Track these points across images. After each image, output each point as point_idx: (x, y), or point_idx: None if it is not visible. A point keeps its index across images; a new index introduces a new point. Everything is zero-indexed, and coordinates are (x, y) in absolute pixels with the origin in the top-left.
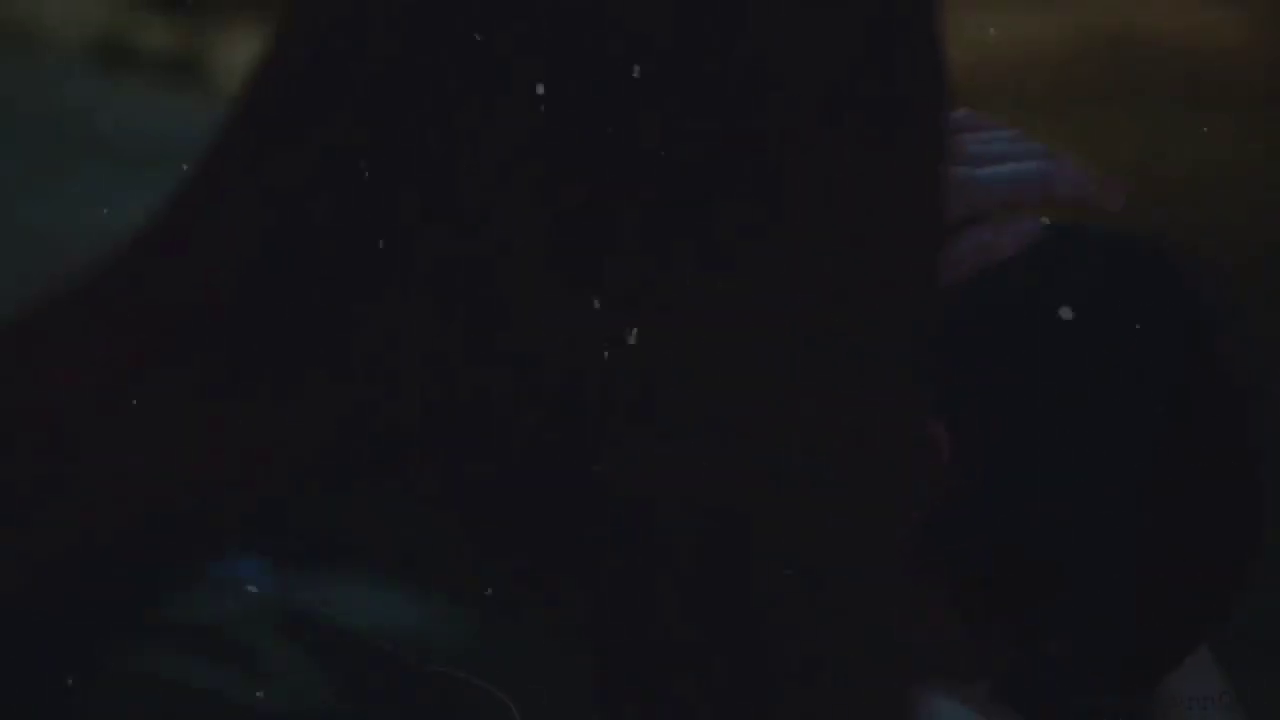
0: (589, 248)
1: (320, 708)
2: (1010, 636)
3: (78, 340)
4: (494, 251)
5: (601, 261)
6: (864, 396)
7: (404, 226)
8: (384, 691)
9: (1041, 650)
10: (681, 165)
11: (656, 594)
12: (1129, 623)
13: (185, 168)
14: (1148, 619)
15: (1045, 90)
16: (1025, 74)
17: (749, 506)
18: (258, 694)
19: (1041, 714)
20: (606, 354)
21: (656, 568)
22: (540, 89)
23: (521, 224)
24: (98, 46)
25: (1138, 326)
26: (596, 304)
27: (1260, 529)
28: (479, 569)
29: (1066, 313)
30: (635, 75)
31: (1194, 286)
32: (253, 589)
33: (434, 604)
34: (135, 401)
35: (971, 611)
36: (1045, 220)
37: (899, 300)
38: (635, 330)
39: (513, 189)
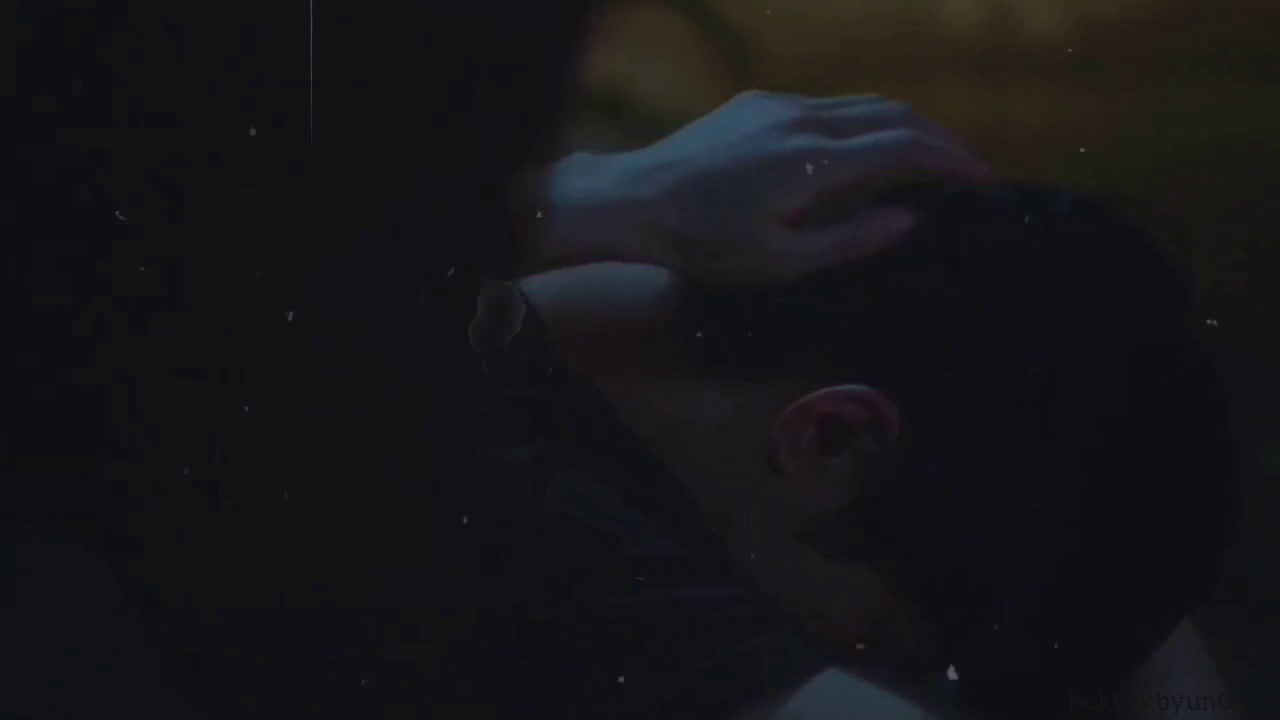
0: None
1: None
2: (965, 624)
3: None
4: None
5: None
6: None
7: None
8: None
9: (997, 640)
10: None
11: None
12: (1089, 608)
13: None
14: (1110, 605)
15: (1107, 59)
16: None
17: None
18: None
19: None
20: None
21: None
22: None
23: None
24: None
25: (1103, 291)
26: None
27: (1233, 502)
28: None
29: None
30: None
31: (1164, 253)
32: None
33: None
34: None
35: (922, 595)
36: (910, 219)
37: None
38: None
39: None
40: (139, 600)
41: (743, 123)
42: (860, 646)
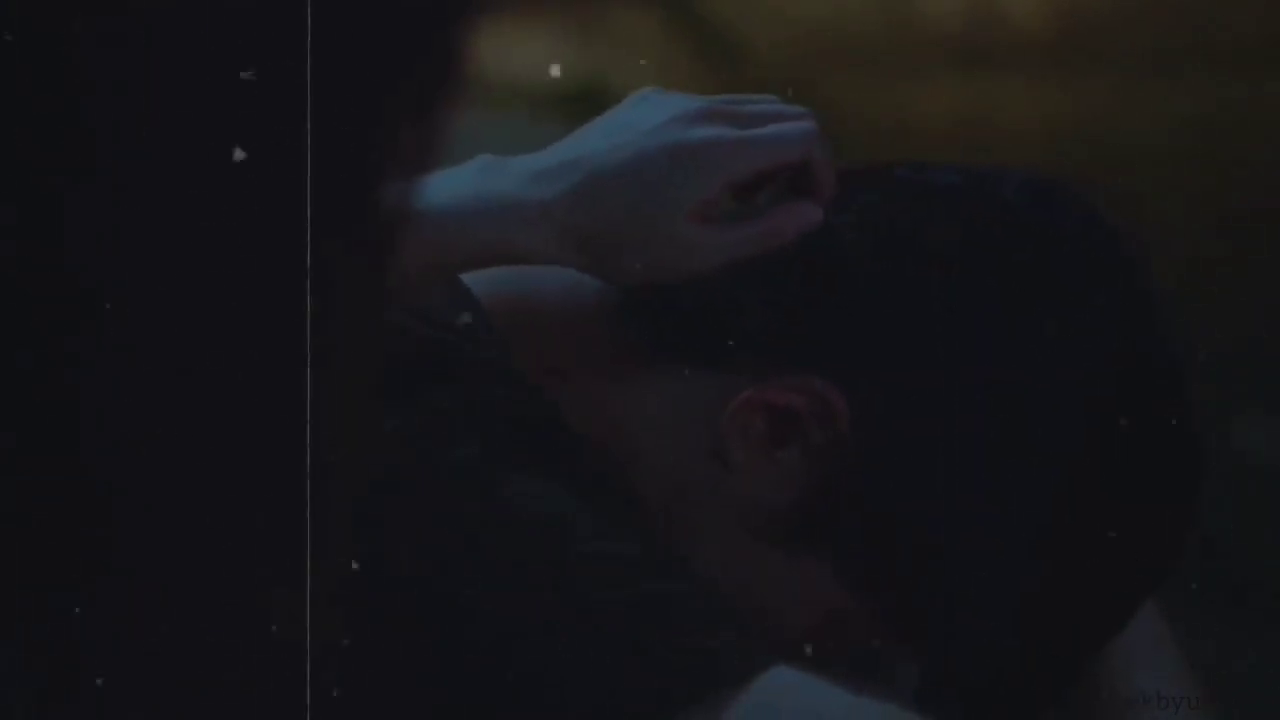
0: None
1: None
2: (917, 616)
3: None
4: None
5: None
6: None
7: None
8: None
9: (951, 633)
10: None
11: None
12: (1045, 598)
13: None
14: (1066, 594)
15: (1106, 49)
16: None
17: None
18: None
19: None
20: None
21: None
22: None
23: None
24: None
25: (1052, 272)
26: None
27: (1192, 483)
28: None
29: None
30: None
31: (1114, 231)
32: None
33: None
34: None
35: (874, 588)
36: (820, 213)
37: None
38: None
39: None
40: None
41: (645, 117)
42: (811, 642)
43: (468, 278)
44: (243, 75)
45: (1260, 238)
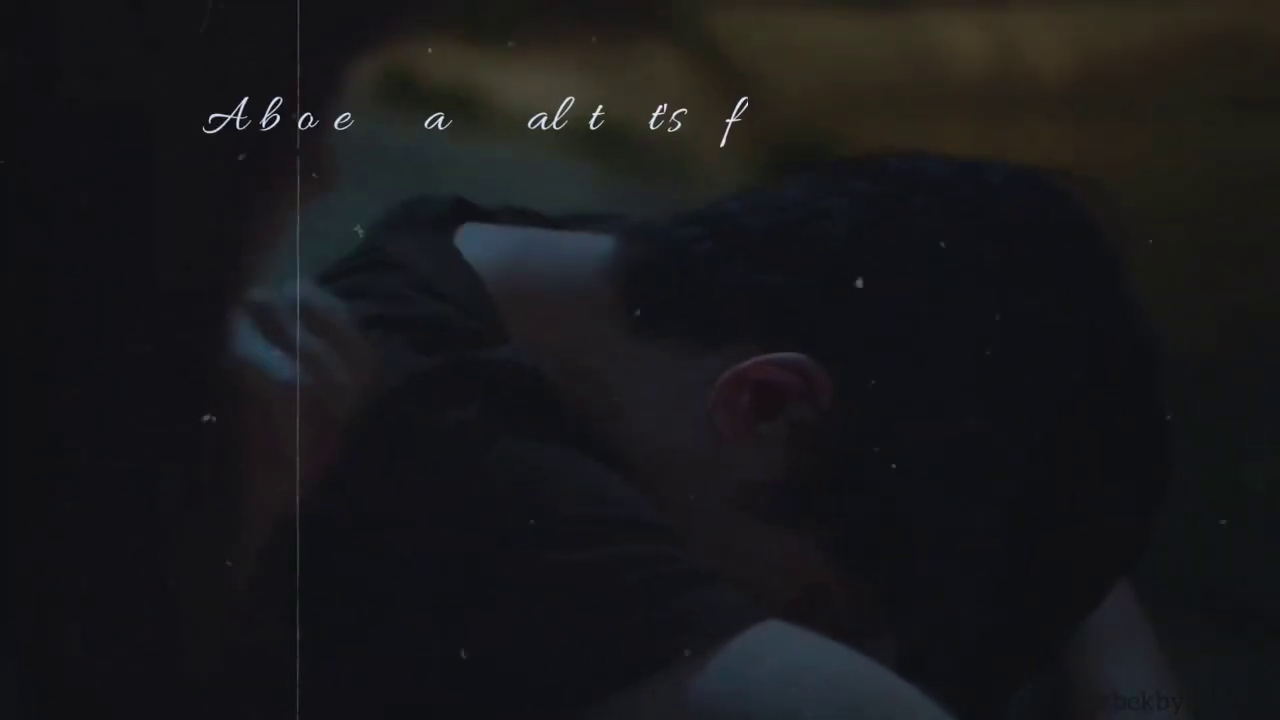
0: None
1: None
2: (897, 592)
3: None
4: None
5: None
6: None
7: None
8: None
9: (931, 608)
10: None
11: None
12: (1023, 576)
13: None
14: (1043, 572)
15: (1146, 94)
16: (1128, 78)
17: None
18: None
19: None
20: None
21: None
22: None
23: None
24: None
25: (1037, 261)
26: None
27: (1162, 469)
28: None
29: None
30: None
31: (1097, 222)
32: None
33: None
34: None
35: (854, 563)
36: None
37: None
38: None
39: None
40: None
41: None
42: (789, 616)
43: (466, 250)
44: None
45: None
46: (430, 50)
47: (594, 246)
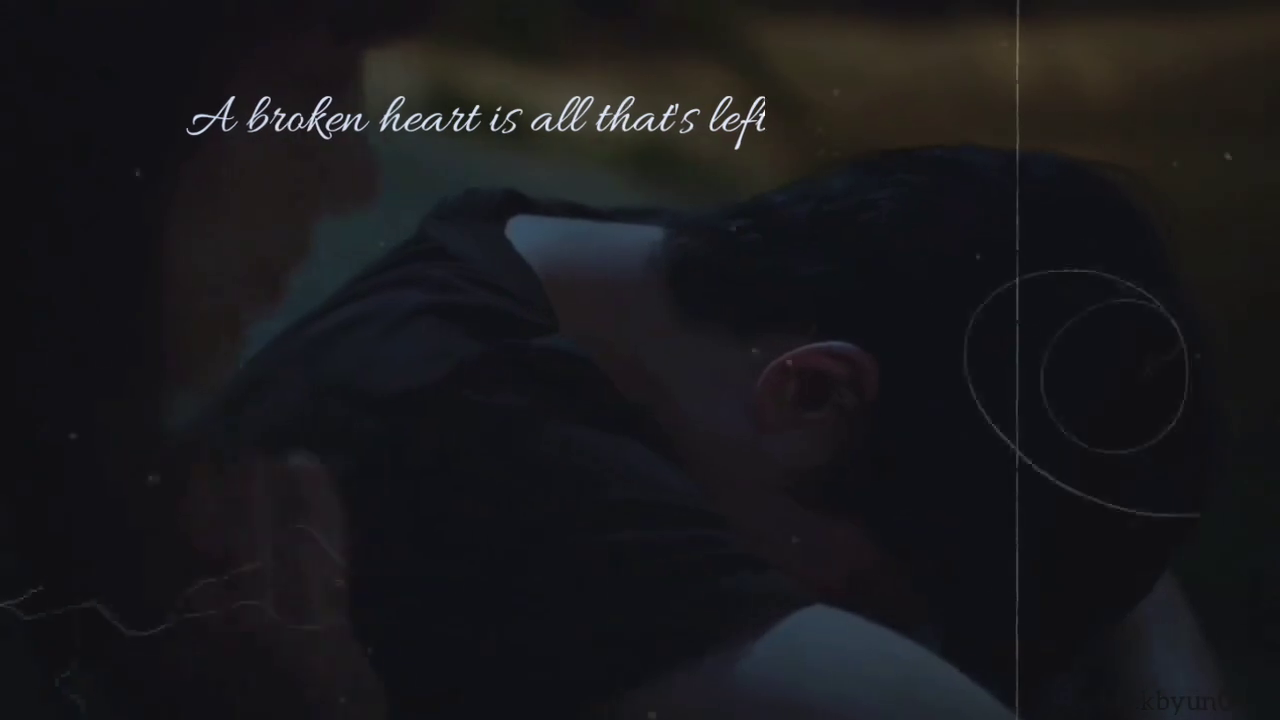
0: None
1: None
2: (941, 580)
3: None
4: None
5: None
6: None
7: None
8: None
9: (974, 596)
10: None
11: None
12: (1068, 565)
13: None
14: (1089, 560)
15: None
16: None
17: None
18: None
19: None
20: None
21: None
22: None
23: None
24: None
25: (1082, 253)
26: None
27: (1211, 458)
28: None
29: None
30: None
31: (1144, 214)
32: None
33: None
34: None
35: (898, 551)
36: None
37: None
38: None
39: None
40: None
41: None
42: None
43: (517, 241)
44: None
45: None
46: (465, 56)
47: (643, 237)
